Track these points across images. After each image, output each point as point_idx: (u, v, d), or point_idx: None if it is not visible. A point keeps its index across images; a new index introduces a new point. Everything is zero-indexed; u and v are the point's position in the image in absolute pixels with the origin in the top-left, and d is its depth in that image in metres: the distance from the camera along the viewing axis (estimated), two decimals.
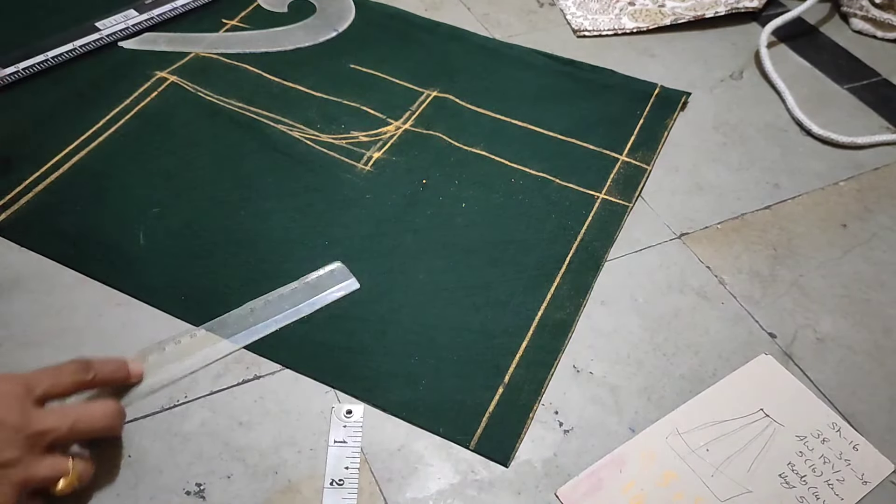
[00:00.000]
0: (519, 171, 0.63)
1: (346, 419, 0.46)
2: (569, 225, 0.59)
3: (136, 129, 0.63)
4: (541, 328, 0.52)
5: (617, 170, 0.64)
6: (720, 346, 0.53)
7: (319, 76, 0.70)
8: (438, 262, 0.55)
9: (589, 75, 0.73)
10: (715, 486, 0.45)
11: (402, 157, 0.63)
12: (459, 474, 0.45)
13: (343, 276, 0.53)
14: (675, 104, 0.71)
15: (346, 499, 0.43)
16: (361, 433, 0.46)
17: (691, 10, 0.81)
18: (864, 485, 0.46)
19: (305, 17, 0.76)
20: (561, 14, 0.81)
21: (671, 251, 0.59)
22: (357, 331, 0.51)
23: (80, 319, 0.50)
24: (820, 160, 0.68)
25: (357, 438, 0.46)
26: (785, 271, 0.58)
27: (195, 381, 0.48)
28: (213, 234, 0.56)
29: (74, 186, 0.58)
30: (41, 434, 0.39)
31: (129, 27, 0.72)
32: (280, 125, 0.64)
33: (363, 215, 0.58)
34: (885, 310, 0.56)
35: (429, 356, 0.50)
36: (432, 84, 0.70)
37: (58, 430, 0.40)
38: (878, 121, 0.72)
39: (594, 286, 0.55)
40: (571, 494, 0.44)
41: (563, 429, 0.47)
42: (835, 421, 0.49)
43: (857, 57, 0.80)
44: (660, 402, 0.49)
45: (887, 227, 0.62)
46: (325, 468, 0.44)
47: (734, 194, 0.63)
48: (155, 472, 0.43)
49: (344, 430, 0.46)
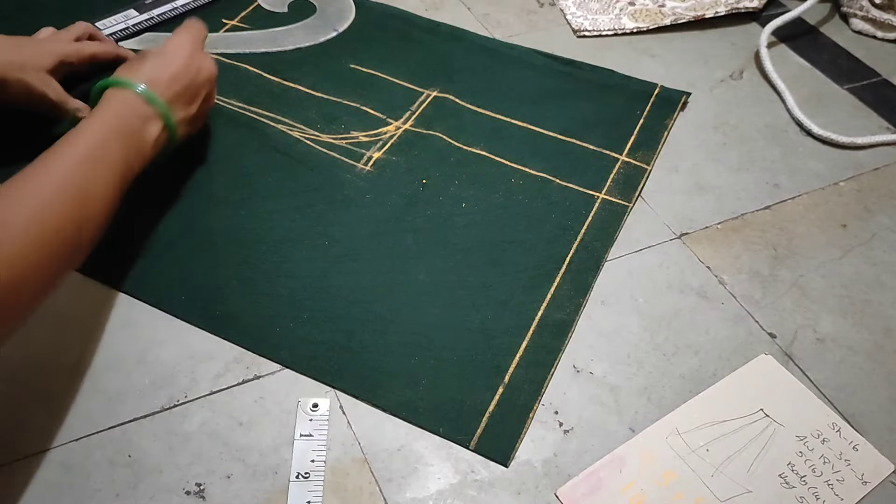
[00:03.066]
0: (519, 171, 0.63)
1: (312, 412, 0.46)
2: (569, 225, 0.59)
3: None
4: (541, 328, 0.52)
5: (617, 170, 0.64)
6: (720, 346, 0.53)
7: (319, 76, 0.70)
8: (438, 262, 0.55)
9: (589, 75, 0.73)
10: (715, 486, 0.45)
11: (402, 157, 0.63)
12: (459, 474, 0.45)
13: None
14: (675, 104, 0.71)
15: (311, 491, 0.43)
16: (328, 426, 0.46)
17: (691, 10, 0.81)
18: (863, 485, 0.46)
19: (305, 17, 0.76)
20: (561, 14, 0.81)
21: (671, 251, 0.59)
22: (357, 331, 0.51)
23: (81, 319, 0.50)
24: (820, 160, 0.68)
25: (323, 432, 0.46)
26: (785, 271, 0.58)
27: (195, 381, 0.48)
28: (213, 234, 0.56)
29: None
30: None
31: (129, 27, 0.72)
32: (280, 125, 0.64)
33: (363, 215, 0.58)
34: (885, 310, 0.56)
35: (429, 356, 0.50)
36: (432, 84, 0.70)
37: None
38: (878, 121, 0.72)
39: (594, 286, 0.55)
40: (571, 494, 0.44)
41: (563, 429, 0.47)
42: (835, 421, 0.49)
43: (857, 57, 0.80)
44: (660, 402, 0.49)
45: (887, 227, 0.62)
46: (291, 462, 0.44)
47: (734, 194, 0.63)
48: (155, 472, 0.43)
49: (310, 424, 0.46)
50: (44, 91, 0.57)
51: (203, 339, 0.50)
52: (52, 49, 0.59)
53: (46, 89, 0.57)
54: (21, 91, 0.56)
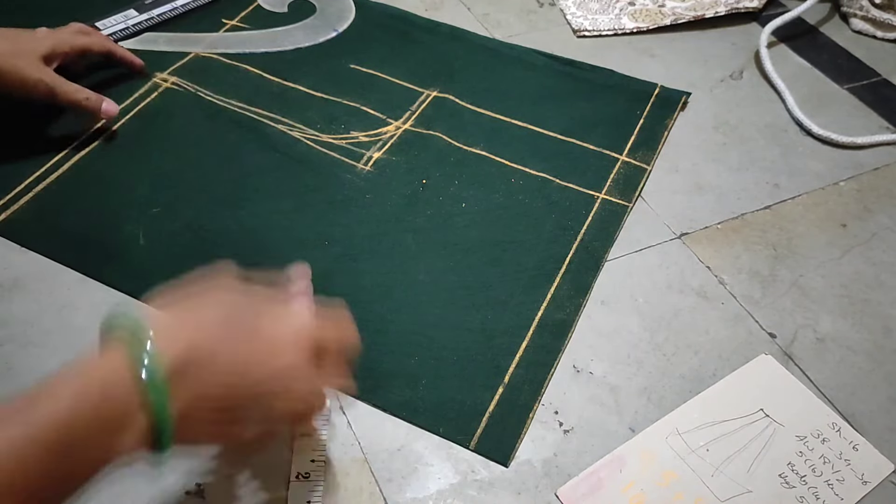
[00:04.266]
0: (519, 171, 0.63)
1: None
2: (569, 225, 0.59)
3: (136, 129, 0.63)
4: (541, 328, 0.52)
5: (617, 170, 0.64)
6: (720, 346, 0.53)
7: (319, 76, 0.70)
8: (438, 262, 0.55)
9: (589, 75, 0.73)
10: (715, 486, 0.45)
11: (402, 157, 0.63)
12: (459, 474, 0.45)
13: None
14: (675, 104, 0.71)
15: (312, 492, 0.43)
16: (328, 427, 0.46)
17: (691, 10, 0.81)
18: (863, 485, 0.46)
19: (305, 17, 0.76)
20: (561, 14, 0.81)
21: (671, 251, 0.59)
22: (357, 331, 0.51)
23: (80, 319, 0.50)
24: (820, 160, 0.67)
25: (324, 432, 0.45)
26: (785, 271, 0.58)
27: None
28: (213, 234, 0.56)
29: (75, 186, 0.58)
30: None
31: (129, 27, 0.72)
32: (280, 125, 0.64)
33: (363, 215, 0.58)
34: (885, 310, 0.56)
35: (429, 356, 0.50)
36: (432, 84, 0.70)
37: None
38: (878, 121, 0.72)
39: (594, 286, 0.55)
40: (571, 494, 0.44)
41: (563, 429, 0.47)
42: (835, 421, 0.49)
43: (857, 57, 0.80)
44: (660, 402, 0.49)
45: (887, 227, 0.62)
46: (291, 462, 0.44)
47: (734, 194, 0.63)
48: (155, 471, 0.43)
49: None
50: (39, 77, 0.57)
51: None
52: (44, 38, 0.59)
53: (42, 75, 0.57)
54: (16, 79, 0.56)
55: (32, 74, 0.57)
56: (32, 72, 0.57)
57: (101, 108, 0.61)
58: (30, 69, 0.57)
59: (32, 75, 0.57)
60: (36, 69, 0.57)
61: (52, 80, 0.58)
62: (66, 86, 0.59)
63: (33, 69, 0.57)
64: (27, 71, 0.57)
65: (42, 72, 0.57)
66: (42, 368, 0.47)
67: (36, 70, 0.57)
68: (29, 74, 0.57)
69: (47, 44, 0.59)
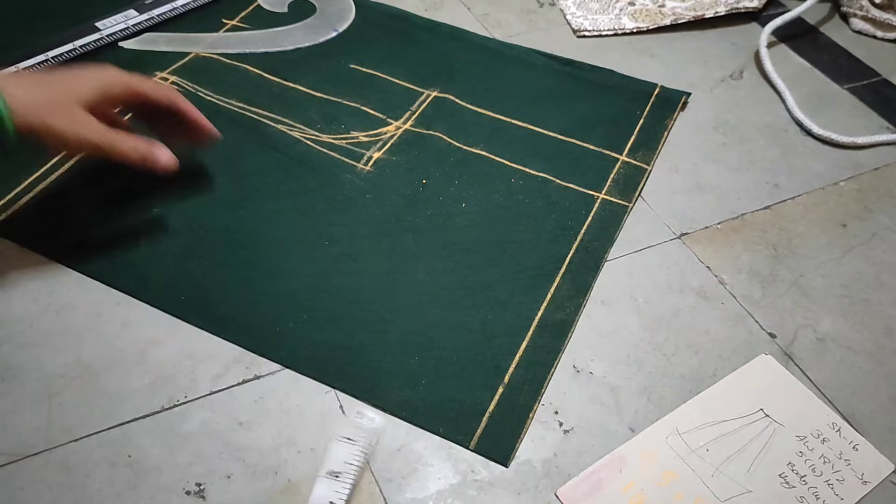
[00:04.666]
0: (519, 171, 0.63)
1: (359, 420, 0.46)
2: (569, 225, 0.59)
3: (135, 130, 0.63)
4: (541, 328, 0.52)
5: (617, 170, 0.64)
6: (720, 346, 0.53)
7: (319, 76, 0.70)
8: (438, 262, 0.55)
9: (589, 75, 0.73)
10: (715, 486, 0.45)
11: (402, 157, 0.63)
12: (459, 474, 0.45)
13: None
14: (675, 104, 0.71)
15: (338, 492, 0.43)
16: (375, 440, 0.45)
17: (691, 10, 0.81)
18: (863, 485, 0.46)
19: (305, 17, 0.76)
20: (561, 14, 0.81)
21: (671, 251, 0.59)
22: (357, 331, 0.51)
23: (80, 319, 0.50)
24: (820, 160, 0.68)
25: (365, 440, 0.45)
26: (785, 271, 0.58)
27: (195, 381, 0.48)
28: (213, 234, 0.56)
29: (75, 186, 0.58)
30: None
31: (130, 27, 0.72)
32: (280, 125, 0.64)
33: (363, 215, 0.58)
34: (885, 310, 0.56)
35: (429, 356, 0.50)
36: (432, 84, 0.70)
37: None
38: (878, 121, 0.72)
39: (594, 286, 0.55)
40: (571, 494, 0.44)
41: (563, 429, 0.47)
42: (835, 421, 0.49)
43: (857, 57, 0.80)
44: (660, 402, 0.49)
45: (887, 227, 0.62)
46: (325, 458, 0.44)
47: (734, 194, 0.63)
48: (155, 472, 0.43)
49: (355, 430, 0.45)
50: (78, 133, 0.45)
51: (203, 339, 0.50)
52: (92, 80, 0.46)
53: (83, 130, 0.45)
54: (57, 140, 0.45)
55: (70, 131, 0.45)
56: (70, 128, 0.45)
57: (160, 162, 0.51)
58: (65, 125, 0.45)
59: (70, 132, 0.45)
60: (75, 123, 0.45)
61: (99, 136, 0.46)
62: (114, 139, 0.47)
63: (70, 124, 0.45)
64: (63, 128, 0.45)
65: (84, 125, 0.46)
66: (42, 368, 0.47)
67: (75, 124, 0.45)
68: (66, 132, 0.45)
69: (96, 86, 0.46)
